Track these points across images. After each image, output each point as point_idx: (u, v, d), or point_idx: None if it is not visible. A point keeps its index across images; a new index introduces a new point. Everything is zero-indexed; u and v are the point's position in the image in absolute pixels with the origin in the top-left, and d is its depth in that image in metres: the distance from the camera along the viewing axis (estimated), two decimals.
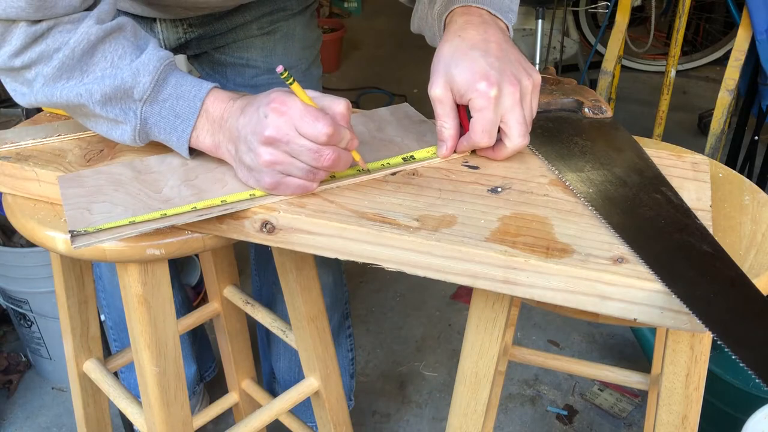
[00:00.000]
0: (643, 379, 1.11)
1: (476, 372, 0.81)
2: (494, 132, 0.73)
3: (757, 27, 1.77)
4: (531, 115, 0.75)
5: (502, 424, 1.57)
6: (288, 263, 0.93)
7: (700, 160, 0.77)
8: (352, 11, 4.18)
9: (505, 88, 0.71)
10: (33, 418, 1.59)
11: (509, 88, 0.71)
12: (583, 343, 1.80)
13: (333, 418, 1.08)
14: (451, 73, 0.72)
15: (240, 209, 0.68)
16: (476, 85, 0.71)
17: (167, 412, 0.85)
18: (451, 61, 0.73)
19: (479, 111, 0.72)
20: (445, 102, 0.74)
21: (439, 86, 0.73)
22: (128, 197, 0.69)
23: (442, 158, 0.76)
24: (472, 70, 0.71)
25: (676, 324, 0.59)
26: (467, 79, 0.71)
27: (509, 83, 0.71)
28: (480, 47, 0.73)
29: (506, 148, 0.74)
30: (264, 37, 1.10)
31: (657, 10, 2.97)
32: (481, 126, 0.72)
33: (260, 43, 1.10)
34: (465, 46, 0.73)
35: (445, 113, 0.75)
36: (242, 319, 1.26)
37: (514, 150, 0.75)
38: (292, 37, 1.12)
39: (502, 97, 0.71)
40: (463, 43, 0.73)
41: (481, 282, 0.63)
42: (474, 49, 0.72)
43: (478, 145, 0.74)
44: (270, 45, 1.11)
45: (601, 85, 2.09)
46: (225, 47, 1.10)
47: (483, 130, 0.72)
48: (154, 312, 0.78)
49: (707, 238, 0.63)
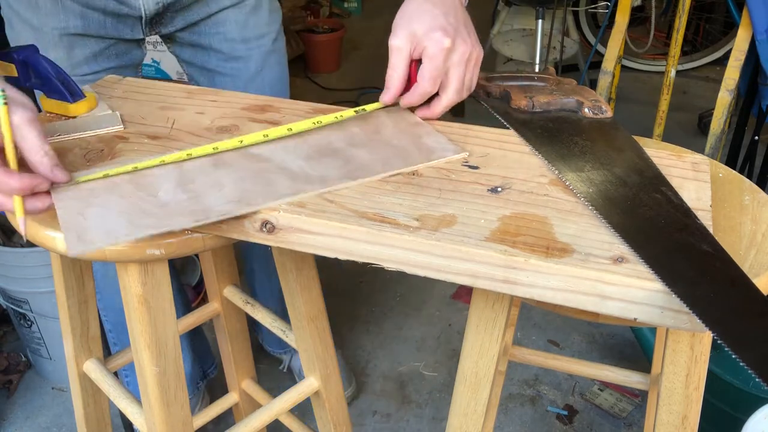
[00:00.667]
0: (643, 379, 1.11)
1: (476, 372, 0.81)
2: (438, 81, 0.79)
3: (757, 27, 1.77)
4: (470, 82, 0.82)
5: (502, 424, 1.57)
6: (288, 263, 0.93)
7: (700, 160, 0.77)
8: (352, 11, 4.18)
9: (458, 45, 0.78)
10: (33, 418, 1.59)
11: (462, 46, 0.78)
12: (583, 343, 1.80)
13: (333, 418, 1.08)
14: (412, 26, 0.79)
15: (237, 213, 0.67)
16: (433, 34, 0.77)
17: (167, 412, 0.85)
18: (414, 15, 0.79)
19: (430, 58, 0.78)
20: (402, 51, 0.79)
21: (399, 37, 0.79)
22: (122, 200, 0.68)
23: (384, 103, 0.83)
24: (432, 24, 0.78)
25: (676, 324, 0.59)
26: (426, 30, 0.78)
27: (462, 41, 0.78)
28: (440, 8, 0.79)
29: (440, 100, 0.81)
30: (236, 10, 1.17)
31: (657, 10, 2.96)
32: (429, 72, 0.78)
33: (233, 16, 1.17)
34: (428, 6, 0.79)
35: (398, 62, 0.80)
36: (242, 319, 1.26)
37: (448, 104, 0.81)
38: (260, 7, 1.20)
39: (453, 51, 0.78)
40: (426, 4, 0.80)
41: (481, 282, 0.63)
42: (436, 8, 0.79)
43: (423, 93, 0.80)
44: (242, 17, 1.18)
45: (601, 85, 2.09)
46: (200, 24, 1.16)
47: (430, 77, 0.78)
48: (154, 312, 0.78)
49: (707, 238, 0.63)
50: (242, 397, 1.34)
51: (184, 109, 0.89)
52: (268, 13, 1.22)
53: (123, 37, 1.12)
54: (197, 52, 1.21)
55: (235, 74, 1.21)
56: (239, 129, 0.84)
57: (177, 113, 0.88)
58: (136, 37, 1.14)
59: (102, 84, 0.97)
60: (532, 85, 0.90)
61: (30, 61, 0.85)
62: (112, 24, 1.10)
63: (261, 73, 1.23)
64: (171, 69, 2.28)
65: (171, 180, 0.71)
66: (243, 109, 0.88)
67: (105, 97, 0.91)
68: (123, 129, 0.84)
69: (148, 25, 1.13)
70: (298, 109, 0.89)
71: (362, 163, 0.74)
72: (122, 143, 0.81)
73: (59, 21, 1.06)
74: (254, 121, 0.86)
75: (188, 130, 0.83)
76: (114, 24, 1.10)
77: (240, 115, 0.87)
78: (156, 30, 1.15)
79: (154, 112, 0.88)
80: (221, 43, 1.19)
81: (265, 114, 0.87)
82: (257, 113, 0.88)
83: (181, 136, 0.82)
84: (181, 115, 0.87)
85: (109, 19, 1.09)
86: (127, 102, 0.91)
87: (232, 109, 0.88)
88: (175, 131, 0.83)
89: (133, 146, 0.80)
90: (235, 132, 0.83)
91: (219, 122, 0.85)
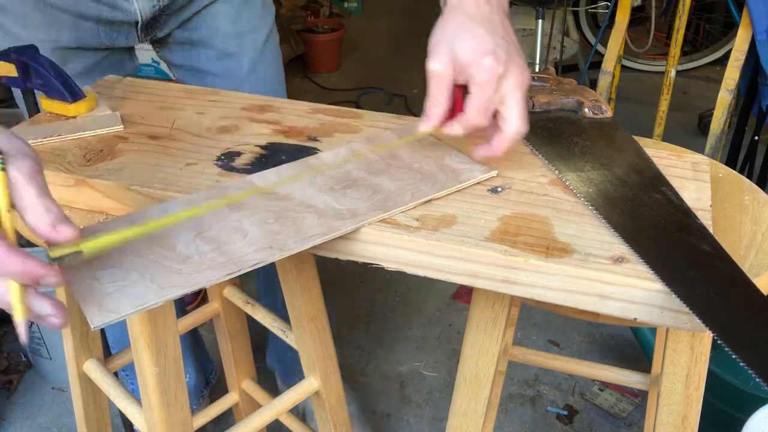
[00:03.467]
0: (643, 379, 1.11)
1: (476, 372, 0.81)
2: (490, 113, 0.69)
3: (757, 27, 1.77)
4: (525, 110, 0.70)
5: (502, 424, 1.57)
6: (288, 263, 0.93)
7: (700, 160, 0.77)
8: (352, 11, 4.19)
9: (511, 69, 0.67)
10: (33, 418, 1.59)
11: (514, 71, 0.68)
12: (583, 343, 1.80)
13: (333, 418, 1.08)
14: (454, 48, 0.68)
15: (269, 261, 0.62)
16: (482, 59, 0.66)
17: (167, 413, 0.85)
18: (455, 36, 0.68)
19: (480, 87, 0.67)
20: (443, 77, 0.69)
21: (440, 60, 0.68)
22: (138, 259, 0.60)
23: (421, 133, 0.72)
24: (478, 46, 0.67)
25: (676, 324, 0.59)
26: (472, 53, 0.67)
27: (515, 65, 0.68)
28: (486, 26, 0.68)
29: (504, 133, 0.69)
30: (227, 2, 1.14)
31: (657, 10, 2.97)
32: (478, 103, 0.68)
33: (225, 9, 1.14)
34: (471, 23, 0.69)
35: (439, 90, 0.69)
36: (242, 319, 1.26)
37: (513, 136, 0.69)
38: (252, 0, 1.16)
39: (506, 78, 0.67)
40: (469, 21, 0.69)
41: (481, 281, 0.63)
42: (480, 26, 0.68)
43: (470, 125, 0.69)
44: (234, 10, 1.15)
45: (601, 85, 2.09)
46: (192, 20, 1.13)
47: (479, 108, 0.68)
48: (154, 312, 0.78)
49: (707, 238, 0.63)
50: (242, 397, 1.34)
51: (184, 109, 0.89)
52: (261, 7, 1.18)
53: (117, 45, 1.10)
54: (187, 51, 1.17)
55: (227, 74, 1.18)
56: (239, 129, 0.84)
57: (177, 113, 0.88)
58: (130, 44, 1.12)
59: (102, 84, 0.97)
60: (532, 85, 0.90)
61: (30, 61, 0.85)
62: (106, 33, 1.07)
63: (255, 70, 1.19)
64: None
65: (186, 229, 0.64)
66: (243, 109, 0.89)
67: (105, 97, 0.91)
68: (123, 129, 0.84)
69: (143, 31, 1.10)
70: (298, 109, 0.89)
71: (390, 193, 0.69)
72: (122, 143, 0.81)
73: (50, 34, 1.01)
74: (254, 121, 0.86)
75: (188, 130, 0.83)
76: (108, 32, 1.07)
77: (240, 115, 0.87)
78: (151, 35, 1.13)
79: (154, 112, 0.88)
80: (213, 38, 1.15)
81: (265, 114, 0.87)
82: (257, 113, 0.88)
83: (181, 136, 0.82)
84: (181, 115, 0.87)
85: (103, 28, 1.06)
86: (127, 102, 0.91)
87: (232, 109, 0.88)
88: (175, 131, 0.83)
89: (133, 146, 0.80)
90: (234, 132, 0.83)
91: (219, 122, 0.85)
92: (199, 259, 0.60)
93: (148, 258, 0.60)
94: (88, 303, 0.56)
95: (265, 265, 0.61)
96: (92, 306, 0.55)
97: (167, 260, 0.60)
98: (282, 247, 0.62)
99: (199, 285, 0.58)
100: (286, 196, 0.69)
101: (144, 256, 0.60)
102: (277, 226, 0.65)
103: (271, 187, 0.70)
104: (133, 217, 0.66)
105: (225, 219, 0.65)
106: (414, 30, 3.99)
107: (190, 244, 0.62)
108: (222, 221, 0.65)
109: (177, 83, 1.01)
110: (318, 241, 0.64)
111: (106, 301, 0.56)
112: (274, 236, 0.63)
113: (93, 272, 0.58)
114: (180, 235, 0.63)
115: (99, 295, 0.56)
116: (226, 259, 0.61)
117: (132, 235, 0.58)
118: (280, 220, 0.65)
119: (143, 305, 0.56)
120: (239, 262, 0.60)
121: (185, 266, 0.60)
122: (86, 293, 0.57)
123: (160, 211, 0.66)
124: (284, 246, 0.63)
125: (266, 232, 0.64)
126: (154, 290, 0.57)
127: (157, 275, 0.58)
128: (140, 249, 0.61)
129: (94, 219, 0.74)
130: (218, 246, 0.62)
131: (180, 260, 0.60)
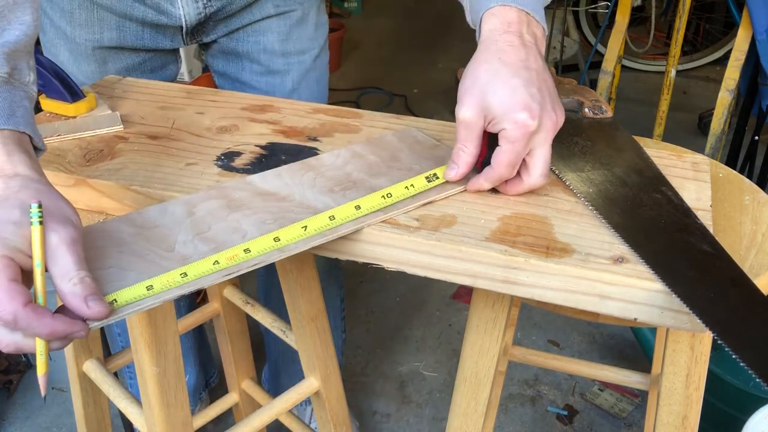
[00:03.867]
0: (643, 379, 1.11)
1: (476, 372, 0.81)
2: (517, 167, 0.68)
3: (757, 27, 1.77)
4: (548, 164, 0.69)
5: (502, 424, 1.57)
6: (288, 263, 0.93)
7: (700, 160, 0.77)
8: (352, 11, 4.19)
9: (544, 123, 0.66)
10: (33, 418, 1.59)
11: (548, 124, 0.66)
12: (583, 343, 1.80)
13: (333, 418, 1.08)
14: (487, 99, 0.66)
15: (269, 261, 0.62)
16: (516, 114, 0.64)
17: (167, 413, 0.85)
18: (489, 85, 0.66)
19: (511, 142, 0.65)
20: (472, 127, 0.67)
21: (470, 109, 0.66)
22: (137, 259, 0.60)
23: (447, 179, 0.70)
24: (512, 99, 0.65)
25: (676, 324, 0.59)
26: (506, 108, 0.65)
27: (549, 118, 0.66)
28: (522, 75, 0.66)
29: (523, 184, 0.69)
30: (280, 20, 1.09)
31: (657, 10, 2.97)
32: (508, 158, 0.66)
33: (276, 26, 1.10)
34: (506, 72, 0.66)
35: (469, 138, 0.68)
36: (242, 319, 1.26)
37: (531, 187, 0.69)
38: (306, 20, 1.12)
39: (539, 133, 0.66)
40: (504, 68, 0.66)
41: (481, 282, 0.63)
42: (515, 77, 0.66)
43: (498, 179, 0.68)
44: (285, 28, 1.10)
45: (601, 85, 2.09)
46: (240, 31, 1.10)
47: (509, 163, 0.66)
48: (154, 312, 0.78)
49: (707, 238, 0.63)
50: (242, 397, 1.34)
51: (184, 109, 0.89)
52: (313, 28, 1.13)
53: (161, 47, 1.07)
54: (231, 61, 1.13)
55: (269, 90, 1.13)
56: (239, 129, 0.84)
57: (177, 113, 0.88)
58: (175, 46, 1.09)
59: (102, 84, 0.97)
60: None
61: None
62: (150, 35, 1.05)
63: (297, 90, 1.14)
64: None
65: (184, 229, 0.64)
66: (243, 109, 0.89)
67: (105, 97, 0.91)
68: (123, 129, 0.84)
69: (189, 35, 1.07)
70: (298, 109, 0.89)
71: None
72: (122, 143, 0.81)
73: (93, 33, 1.02)
74: (254, 121, 0.86)
75: (188, 130, 0.83)
76: (152, 35, 1.05)
77: (240, 115, 0.87)
78: (197, 39, 1.09)
79: (154, 112, 0.88)
80: (259, 54, 1.11)
81: (265, 114, 0.87)
82: (257, 113, 0.88)
83: (181, 136, 0.82)
84: (181, 115, 0.87)
85: (147, 30, 1.04)
86: (127, 102, 0.91)
87: (232, 109, 0.88)
88: (175, 131, 0.83)
89: (133, 146, 0.80)
90: (234, 132, 0.83)
91: (219, 122, 0.85)
92: (198, 259, 0.60)
93: (147, 258, 0.60)
94: None
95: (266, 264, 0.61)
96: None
97: (165, 260, 0.60)
98: (281, 249, 0.62)
99: (197, 286, 0.58)
100: (285, 197, 0.69)
101: (142, 257, 0.60)
102: (275, 226, 0.64)
103: (270, 188, 0.70)
104: (132, 217, 0.65)
105: (224, 219, 0.65)
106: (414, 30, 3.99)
107: (188, 245, 0.62)
108: (221, 222, 0.65)
109: (177, 83, 1.01)
110: (317, 242, 0.63)
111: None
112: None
113: (92, 272, 0.57)
114: (178, 236, 0.63)
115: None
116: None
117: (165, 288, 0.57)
118: (279, 221, 0.65)
119: (141, 306, 0.56)
120: (238, 265, 0.60)
121: (182, 265, 0.59)
122: None
123: (159, 212, 0.66)
124: (284, 248, 0.62)
125: (265, 233, 0.63)
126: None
127: (155, 275, 0.58)
128: (139, 249, 0.61)
129: (94, 219, 0.74)
130: (216, 246, 0.61)
131: (178, 261, 0.60)
